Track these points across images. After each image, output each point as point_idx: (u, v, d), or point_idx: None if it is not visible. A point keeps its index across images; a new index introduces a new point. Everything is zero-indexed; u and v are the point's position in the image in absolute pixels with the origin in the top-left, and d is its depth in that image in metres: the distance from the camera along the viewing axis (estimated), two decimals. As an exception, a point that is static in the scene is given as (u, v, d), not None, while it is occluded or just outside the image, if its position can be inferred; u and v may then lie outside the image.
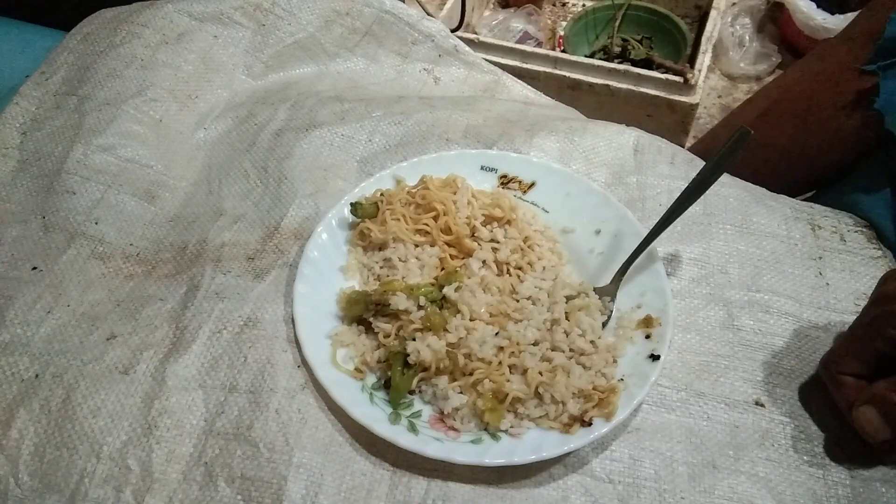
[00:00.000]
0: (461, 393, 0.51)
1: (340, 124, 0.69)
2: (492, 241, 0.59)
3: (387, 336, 0.53)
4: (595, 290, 0.56)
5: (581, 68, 1.06)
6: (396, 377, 0.51)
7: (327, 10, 0.80)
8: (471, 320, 0.53)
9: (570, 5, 1.41)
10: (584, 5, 1.36)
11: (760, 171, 0.69)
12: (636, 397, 0.49)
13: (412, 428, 0.49)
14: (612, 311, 0.55)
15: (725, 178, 0.65)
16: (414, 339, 0.52)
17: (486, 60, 0.81)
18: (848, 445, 0.50)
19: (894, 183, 0.62)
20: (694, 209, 0.58)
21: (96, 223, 0.62)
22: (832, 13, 1.18)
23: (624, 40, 1.23)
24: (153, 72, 0.72)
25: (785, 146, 0.73)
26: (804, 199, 0.71)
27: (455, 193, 0.60)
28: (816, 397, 0.52)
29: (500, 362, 0.51)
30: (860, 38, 0.65)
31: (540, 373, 0.50)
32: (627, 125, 0.70)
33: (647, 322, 0.53)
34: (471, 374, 0.51)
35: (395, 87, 0.78)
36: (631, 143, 0.67)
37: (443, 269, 0.58)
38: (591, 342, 0.52)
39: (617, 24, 1.25)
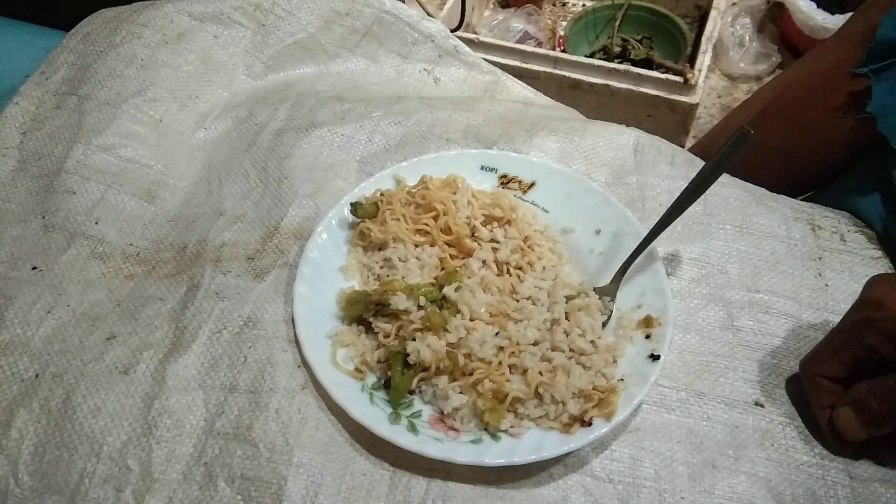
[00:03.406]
0: (461, 393, 0.51)
1: (340, 124, 0.69)
2: (492, 241, 0.59)
3: (387, 336, 0.53)
4: (595, 290, 0.56)
5: (581, 68, 1.06)
6: (396, 377, 0.51)
7: (327, 10, 0.80)
8: (471, 320, 0.53)
9: (570, 5, 1.41)
10: (584, 5, 1.36)
11: (755, 172, 0.69)
12: (636, 397, 0.49)
13: (412, 428, 0.49)
14: (612, 311, 0.55)
15: (725, 178, 0.65)
16: (414, 339, 0.52)
17: (486, 60, 0.82)
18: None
19: (885, 186, 0.62)
20: (694, 209, 0.58)
21: (96, 223, 0.62)
22: (832, 13, 1.18)
23: (624, 40, 1.23)
24: (153, 72, 0.72)
25: (779, 147, 0.73)
26: (803, 200, 0.70)
27: (455, 193, 0.60)
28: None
29: (500, 362, 0.51)
30: (853, 39, 0.64)
31: (540, 373, 0.50)
32: (627, 125, 0.70)
33: (647, 322, 0.53)
34: (471, 374, 0.51)
35: (395, 88, 0.78)
36: (631, 144, 0.67)
37: (443, 269, 0.58)
38: (591, 342, 0.52)
39: (617, 24, 1.25)
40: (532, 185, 0.63)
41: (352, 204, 0.60)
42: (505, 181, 0.64)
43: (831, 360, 0.49)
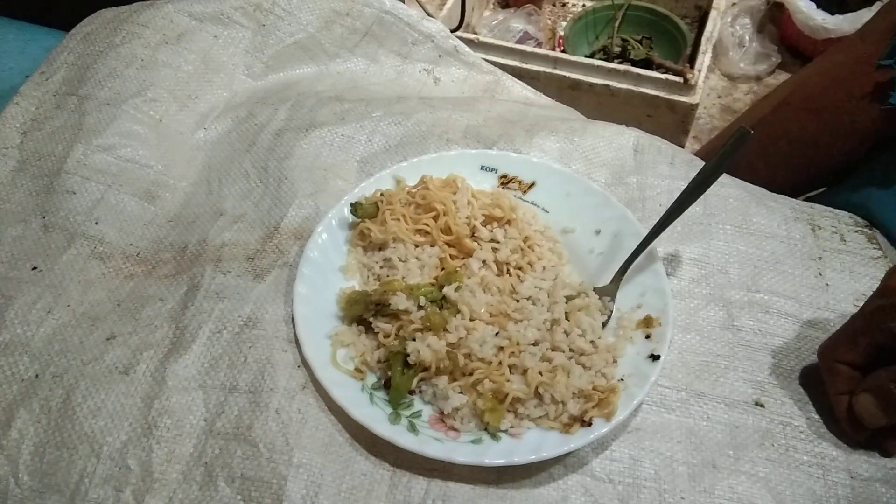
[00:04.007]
0: (461, 393, 0.51)
1: (340, 124, 0.69)
2: (492, 241, 0.59)
3: (387, 336, 0.53)
4: (595, 290, 0.56)
5: (581, 68, 1.06)
6: (396, 377, 0.51)
7: (327, 11, 0.80)
8: (471, 320, 0.53)
9: (570, 5, 1.41)
10: (584, 5, 1.36)
11: (773, 164, 0.69)
12: (636, 397, 0.49)
13: (412, 428, 0.49)
14: (612, 311, 0.55)
15: (725, 178, 0.65)
16: (414, 339, 0.52)
17: (486, 60, 0.82)
18: (848, 445, 0.50)
19: None
20: (694, 209, 0.58)
21: (96, 223, 0.62)
22: (832, 13, 1.18)
23: (624, 40, 1.23)
24: (153, 72, 0.72)
25: (798, 138, 0.73)
26: (807, 199, 0.70)
27: (455, 193, 0.60)
28: (816, 397, 0.52)
29: (500, 362, 0.51)
30: (879, 34, 0.65)
31: (540, 373, 0.50)
32: (627, 125, 0.70)
33: (647, 322, 0.53)
34: (471, 374, 0.51)
35: (395, 88, 0.78)
36: (631, 144, 0.67)
37: (443, 269, 0.58)
38: (591, 342, 0.52)
39: (617, 24, 1.25)
40: (532, 185, 0.63)
41: (352, 204, 0.60)
42: (505, 181, 0.64)
43: (850, 347, 0.49)
